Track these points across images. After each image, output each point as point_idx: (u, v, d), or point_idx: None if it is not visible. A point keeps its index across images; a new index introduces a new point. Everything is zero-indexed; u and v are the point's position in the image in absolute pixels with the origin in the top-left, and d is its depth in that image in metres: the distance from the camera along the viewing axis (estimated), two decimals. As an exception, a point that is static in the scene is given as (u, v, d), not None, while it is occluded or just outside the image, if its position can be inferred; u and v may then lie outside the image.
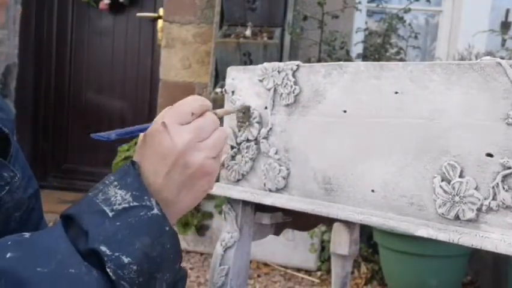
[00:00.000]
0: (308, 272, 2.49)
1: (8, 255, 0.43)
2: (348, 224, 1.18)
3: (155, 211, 0.50)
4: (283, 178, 0.83)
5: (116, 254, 0.47)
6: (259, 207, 0.91)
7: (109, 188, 0.50)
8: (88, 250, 0.46)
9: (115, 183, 0.51)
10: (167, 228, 0.51)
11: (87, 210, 0.49)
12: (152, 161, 0.53)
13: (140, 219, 0.49)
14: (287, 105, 0.82)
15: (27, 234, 0.47)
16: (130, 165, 0.53)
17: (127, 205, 0.49)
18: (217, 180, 0.96)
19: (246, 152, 0.87)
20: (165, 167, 0.53)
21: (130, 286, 0.47)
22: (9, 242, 0.45)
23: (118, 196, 0.50)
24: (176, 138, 0.53)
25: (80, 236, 0.47)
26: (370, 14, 3.24)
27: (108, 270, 0.46)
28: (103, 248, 0.46)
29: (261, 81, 0.86)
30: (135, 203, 0.50)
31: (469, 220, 0.62)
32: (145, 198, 0.50)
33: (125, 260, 0.47)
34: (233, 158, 0.89)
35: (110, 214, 0.48)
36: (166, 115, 0.55)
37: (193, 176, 0.54)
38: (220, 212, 2.56)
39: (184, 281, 0.58)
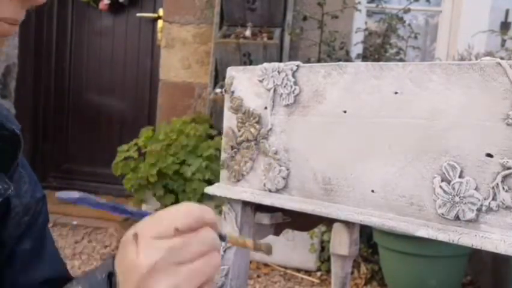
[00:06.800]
0: (308, 272, 2.49)
1: None
2: (348, 224, 1.18)
3: None
4: (283, 178, 0.83)
5: None
6: (259, 208, 0.91)
7: None
8: None
9: None
10: None
11: None
12: (121, 272, 0.46)
13: None
14: (287, 106, 0.82)
15: None
16: (105, 278, 0.47)
17: None
18: (217, 181, 0.96)
19: (246, 152, 0.87)
20: (128, 286, 0.45)
21: None
22: None
23: None
24: (143, 255, 0.43)
25: None
26: (370, 14, 3.23)
27: None
28: None
29: (260, 81, 0.86)
30: None
31: (469, 220, 0.62)
32: None
33: None
34: (233, 158, 0.89)
35: None
36: (145, 224, 0.46)
37: None
38: (220, 212, 2.56)
39: None
